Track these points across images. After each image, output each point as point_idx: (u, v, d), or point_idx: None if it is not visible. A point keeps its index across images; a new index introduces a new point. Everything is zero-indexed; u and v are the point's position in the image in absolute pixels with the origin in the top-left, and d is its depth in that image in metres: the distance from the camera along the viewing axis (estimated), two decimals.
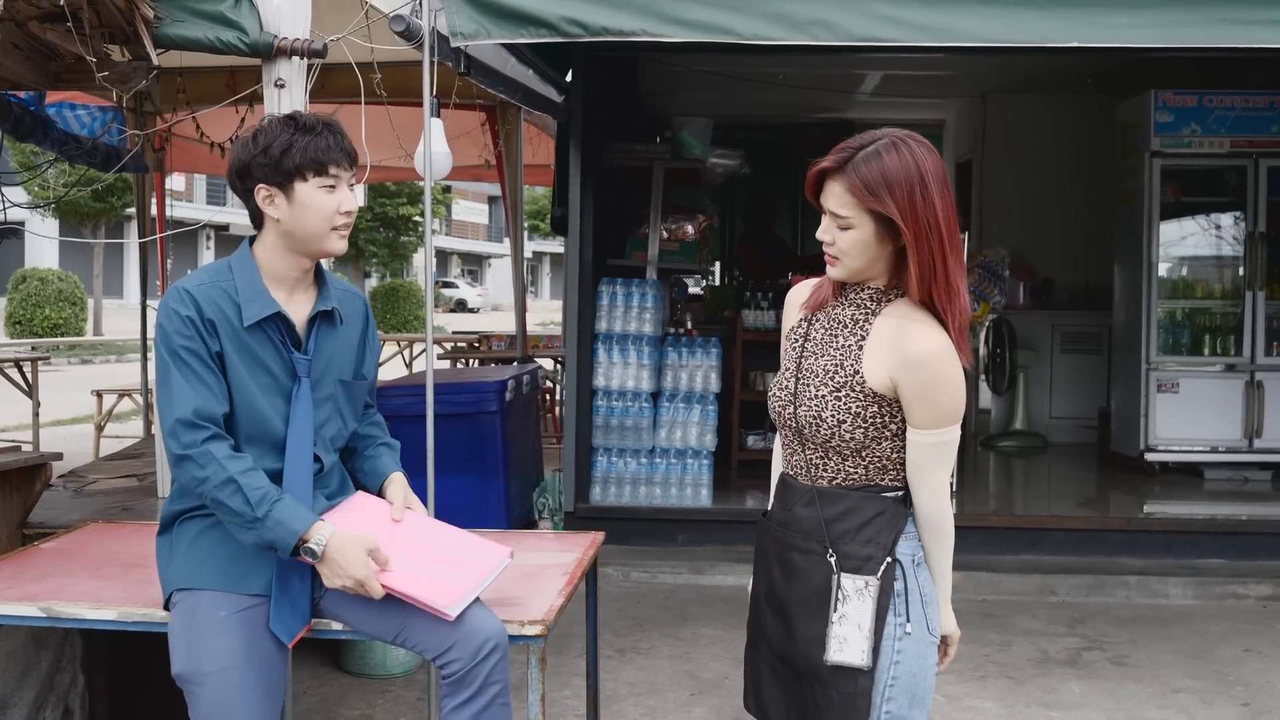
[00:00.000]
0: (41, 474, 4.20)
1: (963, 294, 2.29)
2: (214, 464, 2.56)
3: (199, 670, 2.61)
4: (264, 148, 2.67)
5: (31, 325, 25.29)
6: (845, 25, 4.50)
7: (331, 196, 2.70)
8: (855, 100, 10.26)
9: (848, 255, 2.30)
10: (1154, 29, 4.41)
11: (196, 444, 2.57)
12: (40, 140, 6.67)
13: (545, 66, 6.31)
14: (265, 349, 2.71)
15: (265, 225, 2.74)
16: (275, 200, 2.69)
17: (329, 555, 2.60)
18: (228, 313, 2.66)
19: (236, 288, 2.69)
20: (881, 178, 2.22)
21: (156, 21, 4.29)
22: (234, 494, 2.55)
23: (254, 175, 2.69)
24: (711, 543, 6.78)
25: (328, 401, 2.82)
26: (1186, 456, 8.35)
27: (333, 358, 2.83)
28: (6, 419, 10.78)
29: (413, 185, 28.33)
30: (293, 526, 2.58)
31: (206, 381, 2.62)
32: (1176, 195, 8.43)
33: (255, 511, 2.55)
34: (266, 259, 2.75)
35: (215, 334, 2.64)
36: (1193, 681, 5.07)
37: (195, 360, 2.61)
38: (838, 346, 2.36)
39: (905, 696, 2.33)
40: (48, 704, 3.61)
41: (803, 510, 2.40)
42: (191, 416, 2.58)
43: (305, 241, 2.72)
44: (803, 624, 2.36)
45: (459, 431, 6.17)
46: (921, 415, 2.28)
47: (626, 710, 4.68)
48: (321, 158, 2.67)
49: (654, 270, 7.57)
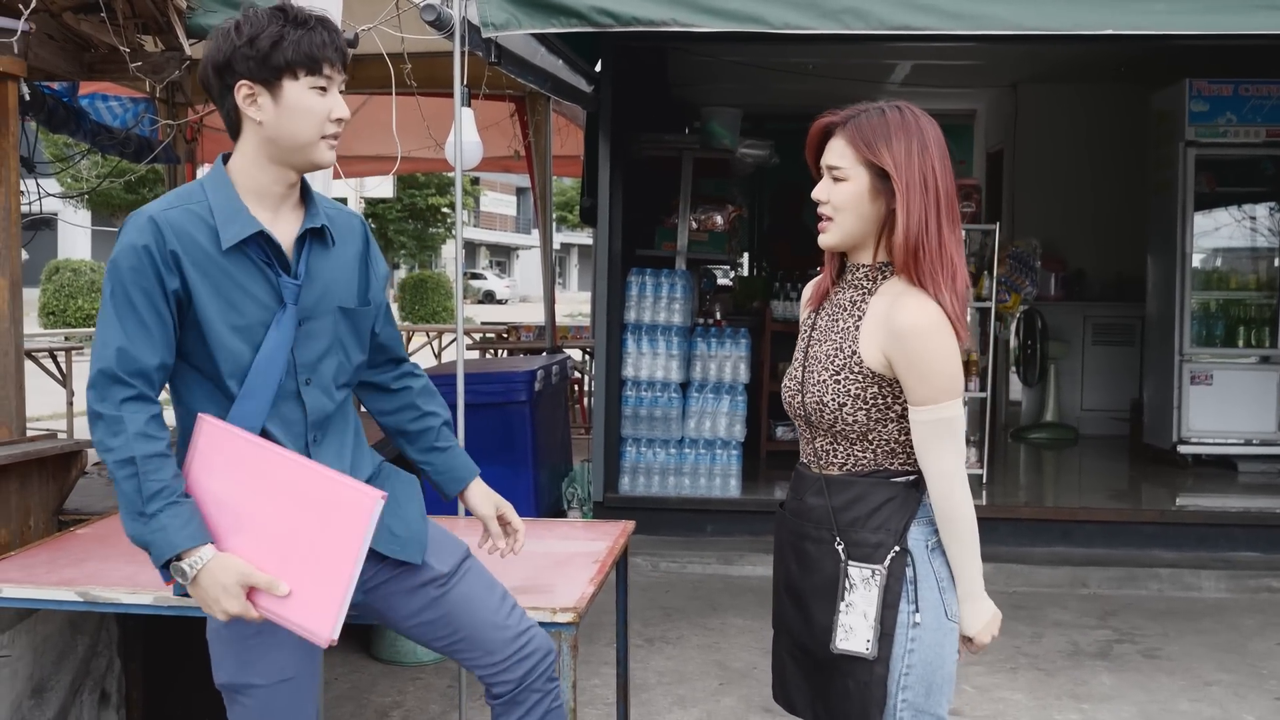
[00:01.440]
0: (76, 461, 4.23)
1: (961, 271, 2.28)
2: (123, 435, 2.23)
3: (248, 683, 2.43)
4: (250, 38, 2.30)
5: (65, 316, 25.51)
6: (877, 13, 4.49)
7: (323, 100, 2.35)
8: (885, 90, 10.20)
9: (840, 211, 2.31)
10: (1191, 15, 4.37)
11: (113, 403, 2.24)
12: (73, 131, 6.71)
13: (575, 56, 6.31)
14: (249, 275, 2.35)
15: (244, 132, 2.37)
16: (259, 100, 2.32)
17: (200, 582, 2.25)
18: (199, 238, 2.30)
19: (211, 209, 2.33)
20: (881, 131, 2.28)
21: (189, 11, 4.32)
22: (129, 477, 2.24)
23: (236, 70, 2.31)
24: (740, 533, 6.78)
25: (327, 333, 2.46)
26: (1220, 449, 8.28)
27: (329, 283, 2.46)
28: (41, 408, 10.87)
29: (441, 176, 28.36)
30: (172, 538, 2.23)
31: (147, 326, 2.26)
32: (1211, 185, 8.35)
33: (144, 506, 2.23)
34: (245, 173, 2.38)
35: (177, 268, 2.28)
36: (1225, 675, 5.03)
37: (142, 299, 2.26)
38: (838, 330, 2.37)
39: (922, 685, 2.31)
40: (84, 688, 3.65)
41: (813, 499, 2.39)
42: (114, 368, 2.25)
43: (291, 151, 2.36)
44: (818, 613, 2.35)
45: (488, 422, 6.19)
46: (916, 390, 2.26)
47: (656, 699, 4.68)
48: (316, 54, 2.32)
49: (683, 261, 7.56)
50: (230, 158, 2.41)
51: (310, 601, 2.27)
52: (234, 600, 2.26)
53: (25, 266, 4.57)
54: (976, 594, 2.37)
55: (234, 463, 2.33)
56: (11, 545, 3.77)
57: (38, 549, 3.42)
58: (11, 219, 4.39)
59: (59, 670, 3.53)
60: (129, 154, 7.28)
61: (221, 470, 2.33)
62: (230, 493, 2.33)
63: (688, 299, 7.17)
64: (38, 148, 6.92)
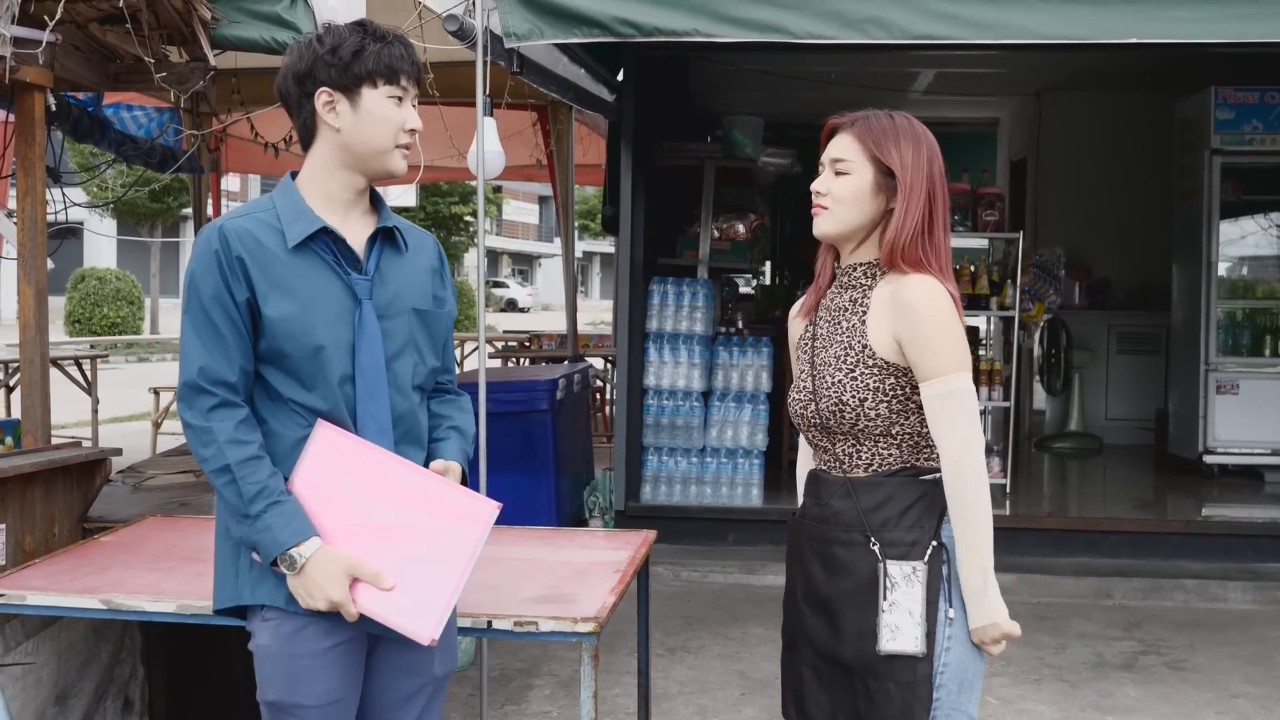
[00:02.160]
0: (101, 469, 4.25)
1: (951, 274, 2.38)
2: (214, 445, 2.33)
3: (297, 704, 2.41)
4: (332, 48, 2.40)
5: (90, 324, 25.71)
6: (900, 23, 4.48)
7: (398, 110, 2.46)
8: (908, 99, 10.18)
9: (840, 202, 2.37)
10: (1216, 23, 4.34)
11: (202, 413, 2.34)
12: (99, 141, 6.77)
13: (597, 66, 6.33)
14: (320, 272, 2.42)
15: (318, 140, 2.46)
16: (338, 108, 2.42)
17: (307, 570, 2.33)
18: (266, 242, 2.38)
19: (278, 214, 2.42)
20: (890, 132, 2.37)
21: (214, 22, 4.35)
22: (228, 484, 2.33)
23: (317, 78, 2.41)
24: (762, 542, 6.76)
25: (402, 334, 2.51)
26: (1246, 459, 8.21)
27: (403, 285, 2.52)
28: (66, 416, 10.94)
29: (464, 185, 28.47)
30: (278, 536, 2.32)
31: (222, 335, 2.35)
32: (1237, 193, 8.30)
33: (247, 509, 2.32)
34: (315, 180, 2.47)
35: (244, 274, 2.35)
36: (1252, 687, 4.98)
37: (216, 308, 2.35)
38: (843, 330, 2.39)
39: (954, 683, 2.31)
40: (108, 695, 3.67)
41: (839, 503, 2.39)
42: (198, 379, 2.34)
43: (365, 158, 2.45)
44: (851, 618, 2.34)
45: (510, 430, 6.20)
46: (926, 363, 2.28)
47: (677, 709, 4.67)
48: (395, 65, 2.43)
49: (705, 269, 7.56)
50: (298, 175, 2.50)
51: (411, 604, 2.36)
52: (338, 588, 2.33)
53: (51, 275, 4.60)
54: (980, 591, 2.28)
55: (350, 467, 2.41)
56: (36, 553, 3.79)
57: (62, 557, 3.43)
58: (38, 228, 4.42)
59: (83, 677, 3.55)
60: (153, 163, 7.34)
61: (335, 473, 2.41)
62: (342, 494, 2.40)
63: (710, 308, 7.16)
64: (64, 157, 6.98)
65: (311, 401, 2.41)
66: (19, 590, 3.01)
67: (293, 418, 2.42)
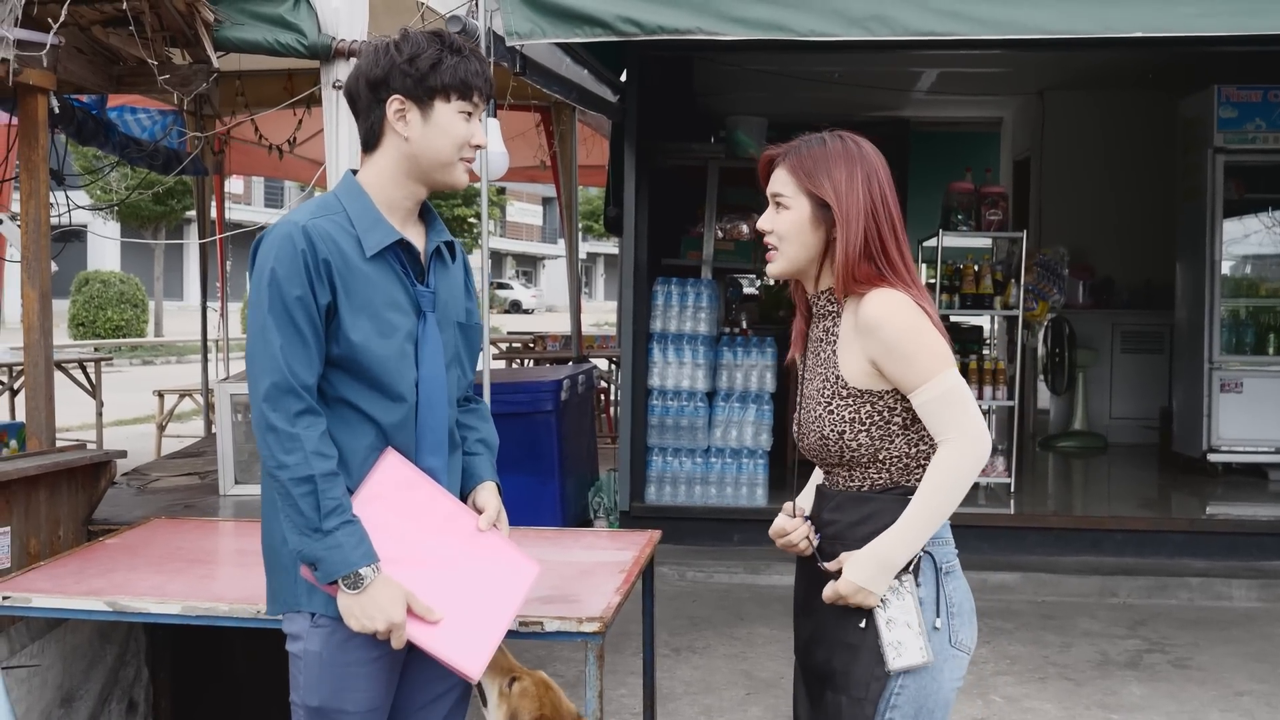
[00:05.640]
0: (106, 471, 4.25)
1: (915, 278, 2.34)
2: (299, 453, 2.27)
3: (341, 709, 2.42)
4: (410, 57, 2.38)
5: (94, 327, 25.71)
6: (903, 20, 4.47)
7: (467, 125, 2.44)
8: (911, 99, 10.18)
9: (785, 240, 2.35)
10: (1223, 18, 4.33)
11: (289, 417, 2.29)
12: (102, 144, 6.76)
13: (600, 66, 6.33)
14: (391, 282, 2.41)
15: (383, 147, 2.44)
16: (408, 117, 2.40)
17: (370, 593, 2.30)
18: (344, 247, 2.36)
19: (350, 219, 2.39)
20: (820, 161, 2.32)
21: (217, 24, 4.34)
22: (308, 495, 2.27)
23: (392, 86, 2.39)
24: (767, 542, 6.63)
25: (450, 346, 2.53)
26: (1251, 457, 8.20)
27: (449, 298, 2.53)
28: (71, 419, 10.94)
29: (468, 186, 28.50)
30: (348, 555, 2.28)
31: (307, 341, 2.32)
32: (1240, 192, 8.29)
33: (321, 523, 2.27)
34: (379, 185, 2.45)
35: (327, 278, 2.33)
36: (1257, 685, 4.98)
37: (300, 313, 2.31)
38: (821, 363, 2.39)
39: (911, 706, 2.27)
40: (113, 697, 3.67)
41: (829, 515, 2.40)
42: (288, 379, 2.29)
43: (429, 169, 2.44)
44: (833, 627, 2.35)
45: (515, 431, 6.17)
46: (907, 376, 2.25)
47: (683, 709, 4.67)
48: (470, 80, 2.41)
49: (709, 270, 7.56)
50: (359, 173, 2.48)
51: (458, 639, 2.41)
52: (400, 611, 2.32)
53: (55, 278, 4.60)
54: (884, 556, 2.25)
55: (410, 500, 2.44)
56: (41, 555, 3.79)
57: (67, 559, 3.43)
58: (41, 231, 4.42)
59: (88, 680, 3.55)
60: (157, 166, 7.34)
61: (396, 504, 2.42)
62: (398, 525, 2.41)
63: (714, 308, 7.16)
64: (67, 160, 6.98)
65: (379, 411, 2.41)
66: (24, 592, 3.01)
67: (360, 426, 2.41)
